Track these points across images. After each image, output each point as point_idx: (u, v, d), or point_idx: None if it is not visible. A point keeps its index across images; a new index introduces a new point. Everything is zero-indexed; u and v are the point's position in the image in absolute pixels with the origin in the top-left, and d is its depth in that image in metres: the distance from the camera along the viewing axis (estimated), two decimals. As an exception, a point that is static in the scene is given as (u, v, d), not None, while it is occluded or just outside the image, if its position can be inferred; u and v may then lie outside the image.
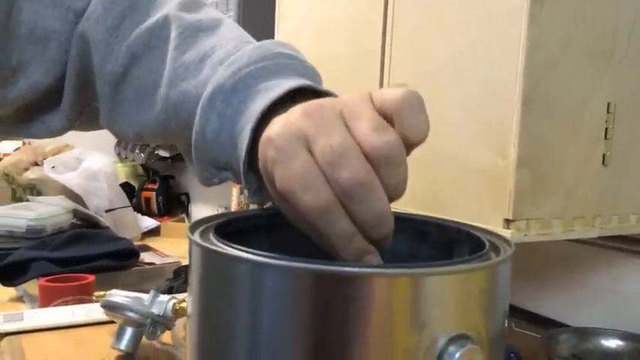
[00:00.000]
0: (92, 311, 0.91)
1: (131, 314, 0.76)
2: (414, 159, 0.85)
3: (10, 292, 1.15)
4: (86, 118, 0.59)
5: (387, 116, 0.35)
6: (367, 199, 0.33)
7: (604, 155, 0.67)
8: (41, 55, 0.54)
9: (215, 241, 0.35)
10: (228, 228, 0.39)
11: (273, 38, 1.05)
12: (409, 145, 0.35)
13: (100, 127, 0.59)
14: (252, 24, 1.28)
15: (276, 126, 0.36)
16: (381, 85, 0.79)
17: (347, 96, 0.37)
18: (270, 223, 0.43)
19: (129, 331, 0.77)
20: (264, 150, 0.36)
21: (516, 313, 0.95)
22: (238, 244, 0.33)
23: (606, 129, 0.67)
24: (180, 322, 0.77)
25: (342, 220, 0.33)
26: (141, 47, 0.52)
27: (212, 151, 0.46)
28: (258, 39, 0.50)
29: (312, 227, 0.35)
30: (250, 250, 0.32)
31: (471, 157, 0.66)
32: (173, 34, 0.51)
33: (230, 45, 0.48)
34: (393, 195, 0.34)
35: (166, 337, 0.79)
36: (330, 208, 0.33)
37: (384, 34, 0.79)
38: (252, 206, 1.66)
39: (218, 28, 0.51)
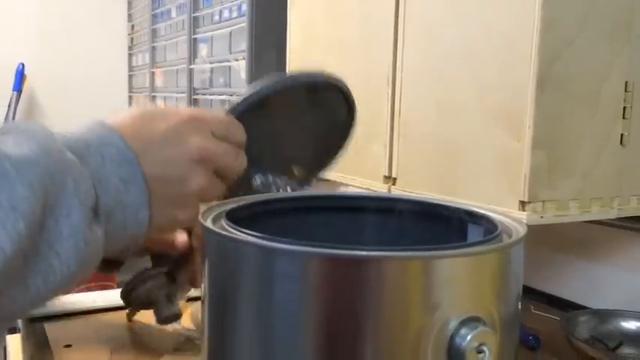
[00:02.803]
0: (114, 297, 0.92)
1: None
2: (429, 142, 0.83)
3: (34, 279, 1.16)
4: None
5: None
6: None
7: (622, 135, 0.65)
8: None
9: (226, 227, 0.35)
10: (241, 214, 0.40)
11: (285, 24, 1.05)
12: None
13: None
14: (265, 10, 1.28)
15: None
16: (394, 69, 0.79)
17: None
18: (281, 208, 0.44)
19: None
20: None
21: (535, 295, 0.95)
22: (250, 230, 0.33)
23: (624, 108, 0.65)
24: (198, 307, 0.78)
25: None
26: None
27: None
28: (271, 25, 0.49)
29: None
30: (261, 234, 0.32)
31: (485, 139, 0.65)
32: None
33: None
34: None
35: (187, 321, 0.80)
36: None
37: (397, 16, 0.78)
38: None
39: None
